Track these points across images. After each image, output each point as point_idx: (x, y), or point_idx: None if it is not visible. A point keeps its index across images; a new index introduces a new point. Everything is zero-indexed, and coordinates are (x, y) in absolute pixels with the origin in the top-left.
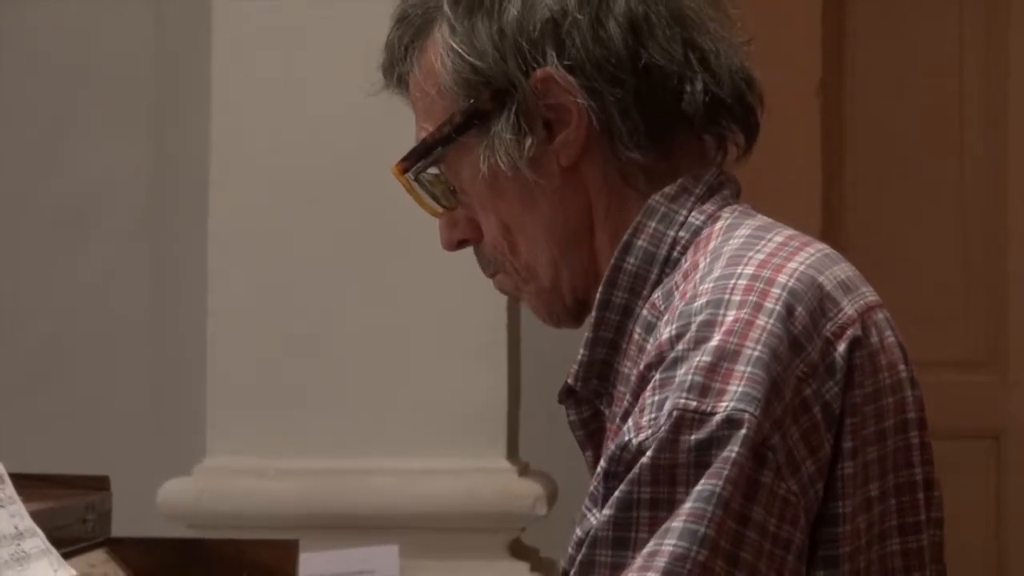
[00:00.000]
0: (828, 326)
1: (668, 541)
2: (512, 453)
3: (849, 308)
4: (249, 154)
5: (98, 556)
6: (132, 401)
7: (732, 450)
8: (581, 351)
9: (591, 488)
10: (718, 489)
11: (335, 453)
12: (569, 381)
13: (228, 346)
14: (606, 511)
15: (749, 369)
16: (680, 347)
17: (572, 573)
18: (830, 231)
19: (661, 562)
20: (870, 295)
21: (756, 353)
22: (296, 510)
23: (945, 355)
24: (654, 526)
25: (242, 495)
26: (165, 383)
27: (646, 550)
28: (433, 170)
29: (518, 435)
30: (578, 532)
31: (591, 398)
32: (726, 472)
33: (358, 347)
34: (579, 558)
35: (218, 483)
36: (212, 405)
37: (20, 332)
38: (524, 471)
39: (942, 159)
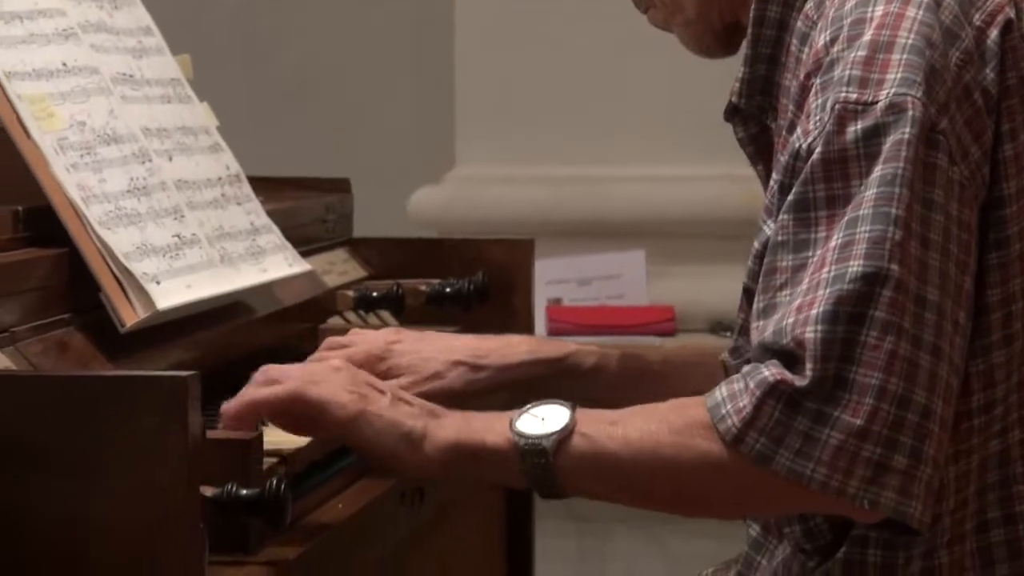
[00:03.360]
0: (977, 15)
1: (861, 228)
2: None
3: None
4: None
5: (338, 255)
6: (389, 114)
7: (904, 131)
8: (741, 68)
9: (766, 202)
10: (899, 171)
11: (582, 160)
12: (732, 99)
13: (475, 58)
14: (783, 216)
15: (905, 56)
16: (835, 50)
17: (755, 286)
18: None
19: (860, 249)
20: None
21: (910, 41)
22: (543, 216)
23: None
24: (832, 224)
25: (490, 202)
26: (422, 96)
27: (836, 243)
28: None
29: None
30: (755, 245)
31: (756, 114)
32: (903, 153)
33: (602, 54)
34: (762, 268)
35: (467, 191)
36: (460, 115)
37: (280, 49)
38: None
39: None
